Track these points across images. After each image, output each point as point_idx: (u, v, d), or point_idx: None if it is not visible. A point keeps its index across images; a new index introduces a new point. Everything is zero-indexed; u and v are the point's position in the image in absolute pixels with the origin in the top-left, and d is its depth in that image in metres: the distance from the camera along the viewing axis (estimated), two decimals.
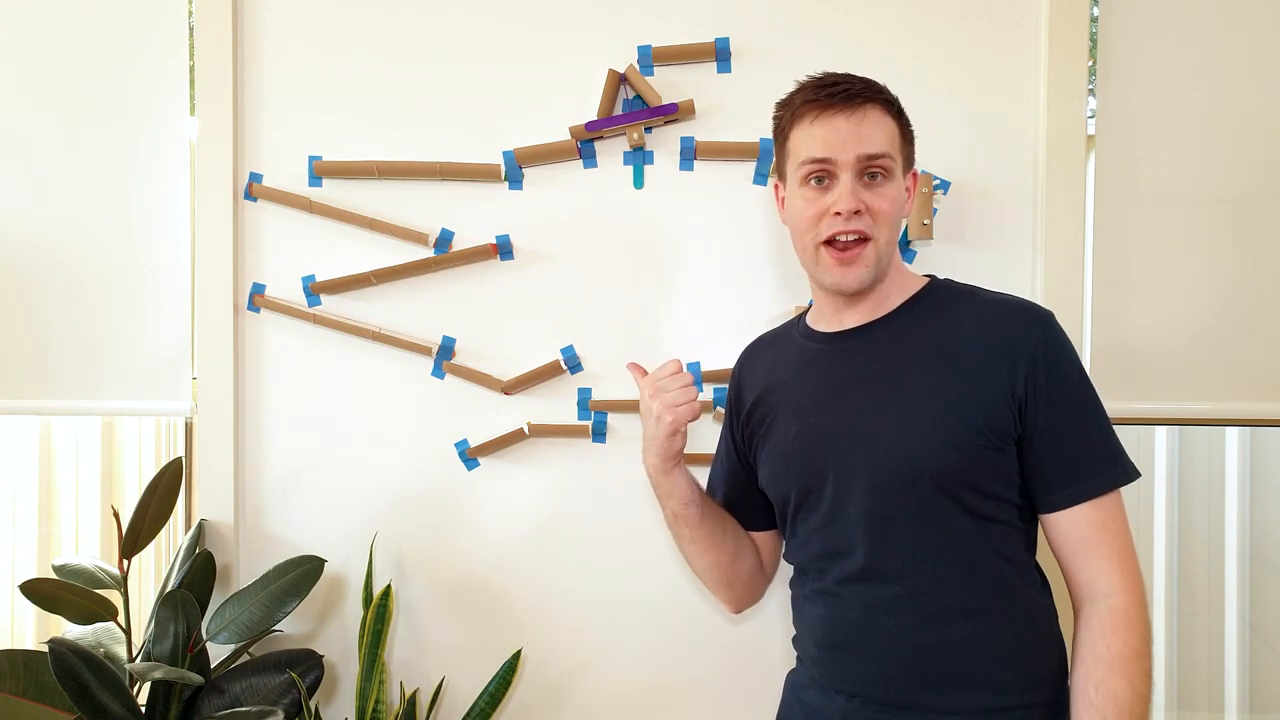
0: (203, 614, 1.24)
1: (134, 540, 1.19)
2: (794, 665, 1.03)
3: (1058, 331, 0.87)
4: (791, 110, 0.92)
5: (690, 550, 1.05)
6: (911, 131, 0.93)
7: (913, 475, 0.85)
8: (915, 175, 0.96)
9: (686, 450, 1.27)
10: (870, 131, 0.87)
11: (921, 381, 0.87)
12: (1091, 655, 0.83)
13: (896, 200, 0.89)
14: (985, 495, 0.86)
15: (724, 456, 1.10)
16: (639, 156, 1.30)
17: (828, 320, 0.97)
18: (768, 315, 1.28)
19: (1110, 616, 0.83)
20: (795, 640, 1.02)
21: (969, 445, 0.84)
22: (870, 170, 0.88)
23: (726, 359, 1.28)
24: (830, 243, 0.89)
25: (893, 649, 0.87)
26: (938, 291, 0.94)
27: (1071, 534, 0.86)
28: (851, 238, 0.88)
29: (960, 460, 0.84)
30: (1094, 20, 1.26)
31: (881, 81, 0.91)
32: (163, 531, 1.25)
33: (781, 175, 0.97)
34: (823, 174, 0.89)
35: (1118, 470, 0.85)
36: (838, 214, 0.87)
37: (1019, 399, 0.85)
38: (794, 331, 1.03)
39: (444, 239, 1.32)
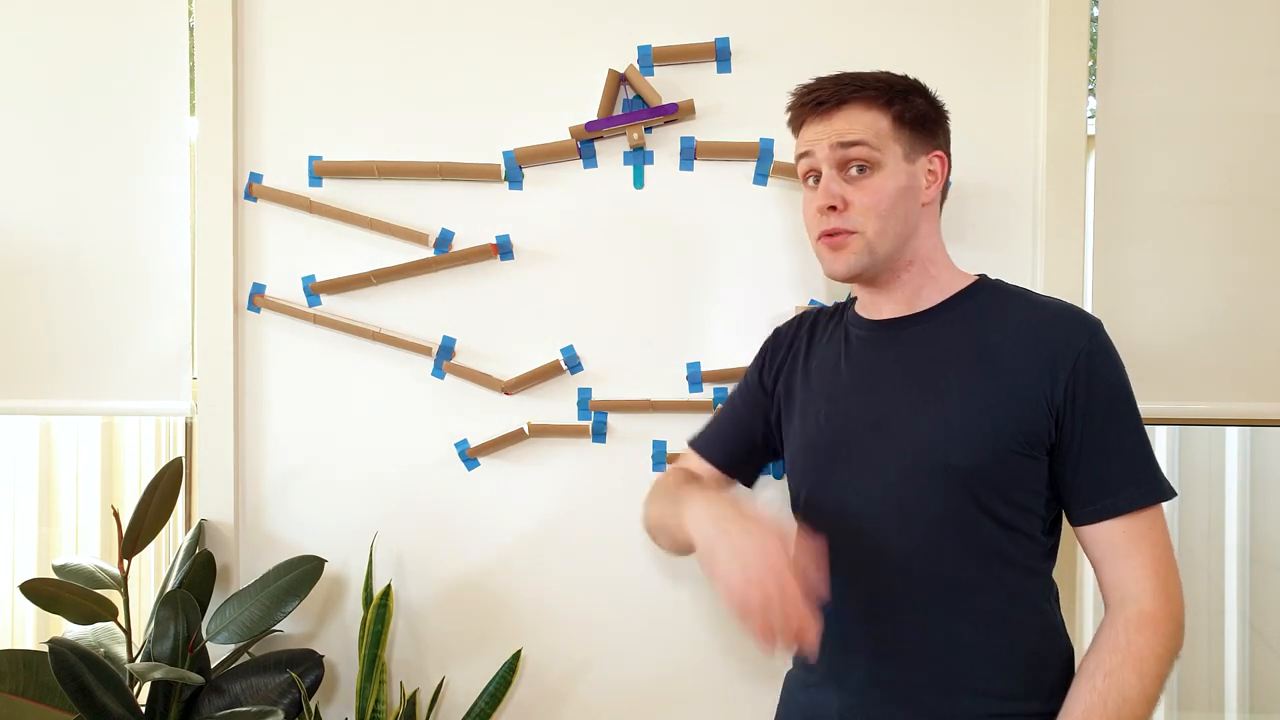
0: (203, 614, 1.24)
1: (134, 540, 1.19)
2: (791, 666, 1.03)
3: (1104, 341, 0.85)
4: (789, 118, 0.98)
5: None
6: (920, 114, 0.91)
7: (939, 469, 0.84)
8: (942, 158, 0.94)
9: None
10: (843, 124, 0.89)
11: (956, 381, 0.86)
12: (1110, 646, 0.81)
13: (884, 191, 0.89)
14: (1010, 503, 0.85)
15: (738, 408, 1.09)
16: (639, 156, 1.30)
17: (866, 307, 0.99)
18: (768, 315, 1.28)
19: (1139, 618, 0.81)
20: None
21: (1000, 447, 0.83)
22: (852, 162, 0.89)
23: (726, 359, 1.28)
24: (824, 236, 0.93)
25: (897, 648, 0.86)
26: (982, 291, 0.93)
27: (1107, 543, 0.83)
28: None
29: (990, 461, 0.83)
30: (1094, 20, 1.25)
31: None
32: (163, 531, 1.25)
33: None
34: (814, 172, 0.93)
35: (1151, 487, 0.83)
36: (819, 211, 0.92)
37: (1056, 408, 0.83)
38: (844, 311, 1.04)
39: (444, 239, 1.32)
